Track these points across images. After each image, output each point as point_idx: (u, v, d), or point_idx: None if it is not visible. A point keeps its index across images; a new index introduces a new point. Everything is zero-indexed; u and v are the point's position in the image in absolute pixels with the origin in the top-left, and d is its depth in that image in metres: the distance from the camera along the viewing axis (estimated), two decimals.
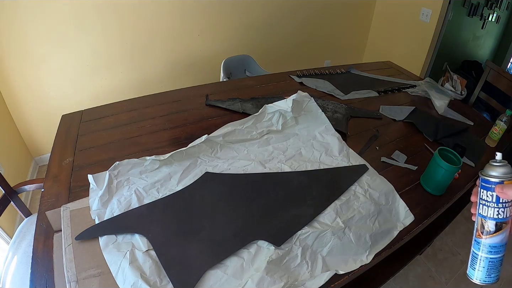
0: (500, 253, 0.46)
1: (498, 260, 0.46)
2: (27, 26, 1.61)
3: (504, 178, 0.43)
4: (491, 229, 0.45)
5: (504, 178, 0.43)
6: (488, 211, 0.45)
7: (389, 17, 2.76)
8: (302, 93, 1.04)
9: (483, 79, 1.52)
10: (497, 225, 0.45)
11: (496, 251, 0.46)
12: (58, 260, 0.61)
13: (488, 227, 0.45)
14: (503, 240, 0.45)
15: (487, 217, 0.45)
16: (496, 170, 0.44)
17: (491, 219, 0.45)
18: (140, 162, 0.82)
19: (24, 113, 1.85)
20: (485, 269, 0.46)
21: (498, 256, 0.46)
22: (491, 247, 0.46)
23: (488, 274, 0.46)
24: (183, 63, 2.18)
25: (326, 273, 0.60)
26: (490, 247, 0.46)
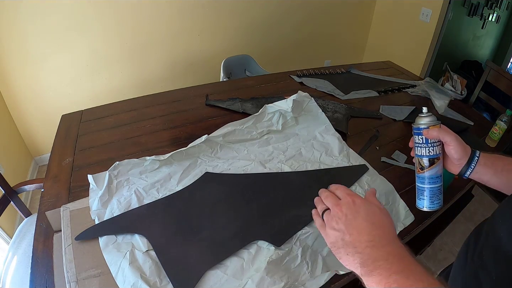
0: (438, 183, 0.57)
1: (437, 189, 0.57)
2: (27, 26, 1.61)
3: (429, 124, 0.56)
4: (426, 164, 0.57)
5: (429, 124, 0.56)
6: (421, 151, 0.57)
7: (389, 17, 2.76)
8: (302, 93, 1.04)
9: (483, 79, 1.52)
10: (430, 160, 0.57)
11: (433, 182, 0.57)
12: (58, 260, 0.60)
13: (424, 163, 0.57)
14: (437, 172, 0.57)
15: (422, 155, 0.57)
16: (423, 119, 0.57)
17: (425, 157, 0.57)
18: (140, 162, 0.82)
19: (24, 113, 1.86)
20: (428, 197, 0.58)
21: (436, 186, 0.57)
22: (429, 179, 0.57)
23: (431, 201, 0.58)
24: (183, 63, 2.19)
25: (326, 273, 0.60)
26: (428, 178, 0.57)
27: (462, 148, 0.54)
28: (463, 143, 0.55)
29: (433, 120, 0.56)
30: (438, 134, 0.54)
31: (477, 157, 0.54)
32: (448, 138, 0.54)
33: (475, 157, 0.54)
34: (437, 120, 0.57)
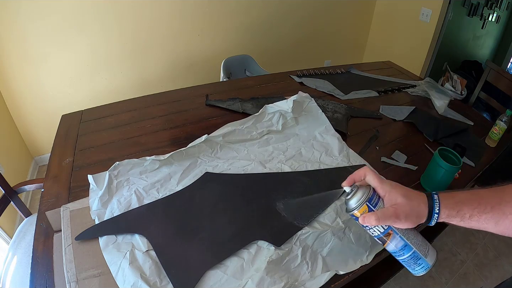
0: (404, 255, 0.52)
1: (410, 259, 0.52)
2: (27, 26, 1.61)
3: (356, 207, 0.51)
4: (381, 243, 0.53)
5: (356, 208, 0.51)
6: (369, 232, 0.53)
7: (389, 17, 2.76)
8: (302, 94, 1.04)
9: (483, 79, 1.52)
10: (381, 239, 0.52)
11: (399, 255, 0.52)
12: (58, 260, 0.60)
13: (378, 242, 0.53)
14: (396, 246, 0.51)
15: (372, 236, 0.53)
16: (350, 203, 0.52)
17: (375, 237, 0.53)
18: (140, 162, 0.82)
19: (24, 113, 1.85)
20: (407, 266, 0.53)
21: (404, 258, 0.52)
22: (393, 253, 0.53)
23: (412, 268, 0.53)
24: (183, 63, 2.18)
25: (326, 273, 0.60)
26: (393, 253, 0.53)
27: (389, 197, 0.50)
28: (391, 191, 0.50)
29: (358, 200, 0.50)
30: (372, 220, 0.48)
31: (437, 203, 0.48)
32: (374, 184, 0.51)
33: (434, 203, 0.48)
34: (362, 191, 0.50)
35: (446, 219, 0.48)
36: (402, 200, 0.49)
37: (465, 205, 0.47)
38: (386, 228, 0.50)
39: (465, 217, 0.47)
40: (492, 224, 0.45)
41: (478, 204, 0.46)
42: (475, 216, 0.46)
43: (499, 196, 0.46)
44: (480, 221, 0.46)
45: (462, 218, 0.47)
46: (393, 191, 0.50)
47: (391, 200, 0.49)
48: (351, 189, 0.52)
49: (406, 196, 0.49)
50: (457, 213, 0.47)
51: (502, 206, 0.45)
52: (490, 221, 0.45)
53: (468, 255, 1.57)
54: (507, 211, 0.44)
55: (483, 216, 0.45)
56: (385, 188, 0.50)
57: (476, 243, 1.64)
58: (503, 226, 0.45)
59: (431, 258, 0.52)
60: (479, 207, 0.46)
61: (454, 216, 0.47)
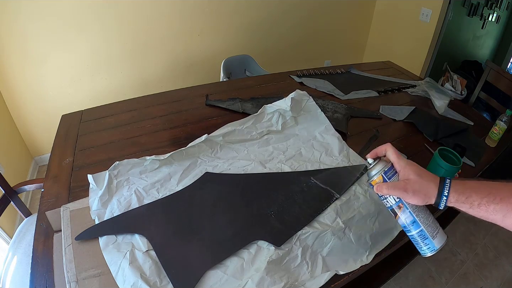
0: (412, 231, 0.54)
1: (417, 237, 0.54)
2: (27, 26, 1.61)
3: (371, 178, 0.56)
4: (393, 215, 0.56)
5: (371, 179, 0.56)
6: (384, 202, 0.56)
7: (389, 17, 2.76)
8: (300, 92, 1.04)
9: (483, 79, 1.52)
10: (393, 211, 0.55)
11: (407, 230, 0.55)
12: (58, 260, 0.60)
13: (391, 214, 0.56)
14: (406, 221, 0.54)
15: (386, 207, 0.56)
16: (368, 174, 0.57)
17: (388, 208, 0.56)
18: (140, 162, 0.82)
19: (24, 113, 1.85)
20: (415, 244, 0.55)
21: (412, 234, 0.54)
22: (403, 227, 0.56)
23: (419, 247, 0.55)
24: (183, 63, 2.18)
25: (326, 273, 0.60)
26: (403, 227, 0.56)
27: (403, 167, 0.53)
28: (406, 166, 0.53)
29: (376, 171, 0.55)
30: (383, 189, 0.53)
31: (447, 186, 0.49)
32: (391, 157, 0.55)
33: (445, 186, 0.49)
34: (381, 164, 0.55)
35: (455, 204, 0.49)
36: (414, 177, 0.51)
37: (475, 193, 0.47)
38: (397, 201, 0.54)
39: (473, 204, 0.47)
40: (500, 216, 0.45)
41: (488, 193, 0.46)
42: (483, 205, 0.46)
43: (510, 189, 0.46)
44: (488, 211, 0.46)
45: (471, 205, 0.47)
46: (407, 167, 0.53)
47: (405, 175, 0.53)
48: (374, 161, 0.57)
49: (418, 174, 0.52)
50: (466, 199, 0.48)
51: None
52: (498, 213, 0.45)
53: (468, 255, 1.57)
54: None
55: (491, 206, 0.45)
56: (401, 164, 0.54)
57: (476, 243, 1.64)
58: (510, 220, 0.45)
59: (439, 241, 0.53)
60: (489, 197, 0.46)
61: (463, 202, 0.48)
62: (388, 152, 0.56)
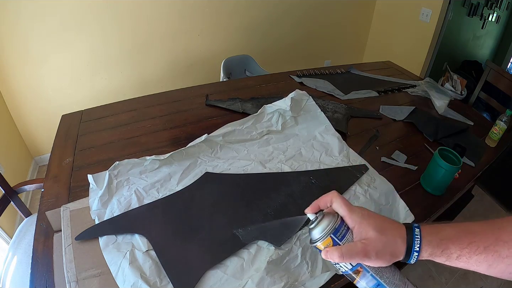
0: None
1: None
2: (27, 26, 1.61)
3: (317, 241, 0.43)
4: (351, 279, 0.45)
5: (317, 242, 0.43)
6: (336, 267, 0.45)
7: (389, 17, 2.76)
8: (300, 92, 1.04)
9: (483, 79, 1.52)
10: (349, 276, 0.45)
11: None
12: (58, 260, 0.61)
13: (348, 278, 0.45)
14: (367, 285, 0.44)
15: (340, 271, 0.45)
16: (312, 234, 0.44)
17: (342, 273, 0.45)
18: (140, 162, 0.82)
19: (24, 113, 1.85)
20: None
21: None
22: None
23: None
24: (183, 63, 2.18)
25: (326, 273, 0.60)
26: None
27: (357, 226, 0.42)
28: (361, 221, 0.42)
29: (321, 232, 0.43)
30: (335, 257, 0.41)
31: (418, 240, 0.41)
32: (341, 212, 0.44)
33: (415, 240, 0.41)
34: (328, 220, 0.43)
35: (429, 258, 0.41)
36: (374, 234, 0.41)
37: (452, 243, 0.40)
38: (354, 265, 0.43)
39: (451, 257, 0.40)
40: (485, 266, 0.39)
41: (469, 243, 0.39)
42: (463, 256, 0.39)
43: (495, 234, 0.39)
44: (470, 262, 0.39)
45: (448, 258, 0.40)
46: (364, 222, 0.42)
47: (361, 233, 0.42)
48: (316, 217, 0.45)
49: (379, 230, 0.41)
50: (441, 253, 0.40)
51: (498, 247, 0.38)
52: (482, 264, 0.39)
53: None
54: (504, 253, 0.37)
55: (473, 258, 0.39)
56: (354, 219, 0.43)
57: None
58: (497, 269, 0.38)
59: None
60: (470, 247, 0.39)
61: (438, 256, 0.41)
62: (335, 203, 0.45)
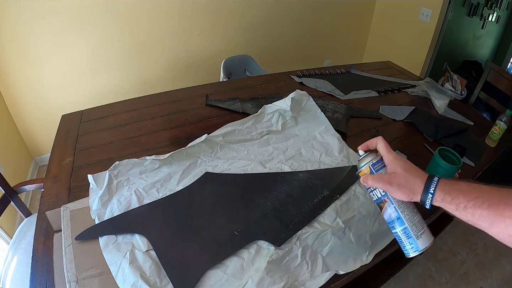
0: (396, 228, 0.54)
1: (401, 234, 0.53)
2: (27, 26, 1.61)
3: (360, 169, 0.56)
4: (379, 208, 0.56)
5: (359, 170, 0.56)
6: (370, 195, 0.57)
7: (389, 17, 2.76)
8: (300, 92, 1.04)
9: (483, 79, 1.52)
10: (378, 205, 0.55)
11: (392, 226, 0.55)
12: (58, 260, 0.60)
13: (377, 208, 0.56)
14: (390, 216, 0.54)
15: (372, 200, 0.57)
16: (358, 165, 0.57)
17: (374, 202, 0.56)
18: (140, 162, 0.82)
19: (24, 113, 1.85)
20: (399, 242, 0.55)
21: (396, 231, 0.54)
22: (388, 223, 0.55)
23: (403, 246, 0.55)
24: (183, 63, 2.18)
25: (326, 273, 0.60)
26: (387, 222, 0.55)
27: (391, 161, 0.52)
28: (394, 159, 0.52)
29: (364, 163, 0.55)
30: (368, 180, 0.53)
31: (434, 184, 0.48)
32: (381, 150, 0.54)
33: (431, 183, 0.48)
34: (371, 156, 0.55)
35: (441, 204, 0.47)
36: (400, 171, 0.51)
37: (462, 194, 0.45)
38: (383, 194, 0.54)
39: (459, 206, 0.45)
40: (487, 223, 0.43)
41: (476, 197, 0.44)
42: (469, 208, 0.44)
43: (501, 196, 0.43)
44: (474, 215, 0.44)
45: (457, 207, 0.45)
46: (395, 161, 0.52)
47: (392, 169, 0.52)
48: (364, 153, 0.57)
49: (405, 169, 0.51)
50: (452, 200, 0.46)
51: (501, 208, 0.42)
52: (485, 220, 0.43)
53: (468, 255, 1.57)
54: (506, 213, 0.41)
55: (478, 212, 0.43)
56: (389, 158, 0.53)
57: (476, 243, 1.64)
58: (497, 228, 0.42)
59: (423, 242, 0.53)
60: (476, 200, 0.44)
61: (448, 202, 0.46)
62: (378, 145, 0.56)
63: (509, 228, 0.41)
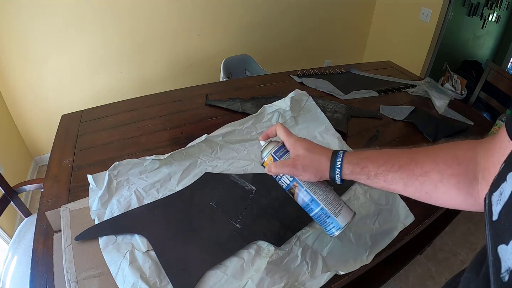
0: (313, 210, 0.54)
1: (320, 215, 0.54)
2: (27, 26, 1.61)
3: (263, 159, 0.56)
4: (291, 195, 0.56)
5: (262, 160, 0.56)
6: (280, 184, 0.57)
7: (389, 17, 2.77)
8: (300, 91, 1.04)
9: (483, 79, 1.52)
10: (290, 192, 0.55)
11: (308, 210, 0.55)
12: (58, 260, 0.60)
13: (290, 195, 0.56)
14: (304, 200, 0.54)
15: (284, 189, 0.57)
16: (261, 156, 0.56)
17: (285, 190, 0.56)
18: (140, 162, 0.81)
19: (24, 113, 1.86)
20: (321, 225, 0.56)
21: (314, 213, 0.54)
22: (304, 207, 0.55)
23: (324, 227, 0.56)
24: (182, 63, 2.18)
25: (326, 273, 0.60)
26: (303, 207, 0.55)
27: (292, 144, 0.51)
28: (295, 142, 0.52)
29: (266, 152, 0.55)
30: (271, 168, 0.52)
31: (340, 158, 0.47)
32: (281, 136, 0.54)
33: (337, 158, 0.47)
34: (272, 144, 0.55)
35: (352, 176, 0.46)
36: (303, 152, 0.50)
37: (370, 162, 0.44)
38: (291, 180, 0.53)
39: (370, 175, 0.44)
40: (401, 185, 0.42)
41: (385, 161, 0.43)
42: (381, 174, 0.43)
43: (410, 156, 0.43)
44: (387, 180, 0.43)
45: (368, 176, 0.44)
46: (297, 143, 0.51)
47: (294, 152, 0.51)
48: (265, 143, 0.57)
49: (308, 149, 0.50)
50: (361, 170, 0.45)
51: (412, 166, 0.41)
52: (399, 182, 0.42)
53: (468, 255, 1.57)
54: (417, 171, 0.41)
55: (389, 175, 0.42)
56: (291, 142, 0.52)
57: (476, 243, 1.64)
58: (413, 188, 0.42)
59: (343, 219, 0.53)
60: (386, 165, 0.43)
61: (358, 173, 0.45)
62: (278, 131, 0.55)
63: (424, 185, 0.41)
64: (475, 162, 0.38)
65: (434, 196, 0.41)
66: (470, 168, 0.38)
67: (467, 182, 0.38)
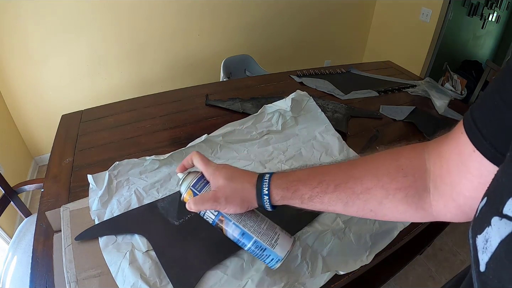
0: (246, 244, 0.48)
1: (255, 249, 0.48)
2: (27, 26, 1.61)
3: (183, 195, 0.50)
4: (220, 231, 0.50)
5: (182, 198, 0.50)
6: (206, 219, 0.50)
7: (389, 17, 2.77)
8: (301, 92, 1.04)
9: (483, 79, 1.52)
10: (217, 227, 0.50)
11: (242, 244, 0.49)
12: (58, 261, 0.60)
13: (218, 231, 0.50)
14: (234, 234, 0.48)
15: (211, 224, 0.50)
16: (180, 191, 0.50)
17: (213, 225, 0.50)
18: (140, 162, 0.82)
19: (24, 113, 1.86)
20: (259, 258, 0.51)
21: (249, 247, 0.49)
22: (237, 242, 0.50)
23: (264, 261, 0.51)
24: (182, 63, 2.19)
25: (326, 273, 0.60)
26: (236, 242, 0.50)
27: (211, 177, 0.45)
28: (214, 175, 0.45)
29: (184, 186, 0.48)
30: (191, 205, 0.45)
31: (266, 183, 0.41)
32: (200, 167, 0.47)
33: (263, 184, 0.42)
34: (190, 177, 0.48)
35: (284, 202, 0.42)
36: (223, 182, 0.44)
37: (302, 184, 0.40)
38: (216, 214, 0.47)
39: (304, 198, 0.40)
40: (341, 206, 0.38)
41: (319, 182, 0.38)
42: (315, 197, 0.39)
43: (346, 172, 0.38)
44: (324, 202, 0.38)
45: (302, 200, 0.40)
46: (216, 173, 0.45)
47: (215, 183, 0.45)
48: (183, 175, 0.50)
49: (228, 178, 0.44)
50: (293, 194, 0.40)
51: (350, 184, 0.37)
52: (337, 203, 0.38)
53: (468, 255, 1.57)
54: (357, 189, 0.36)
55: (326, 197, 0.38)
56: (209, 171, 0.47)
57: None
58: (354, 207, 0.37)
59: (282, 248, 0.47)
60: (320, 186, 0.38)
61: (290, 198, 0.41)
62: (194, 161, 0.49)
63: (368, 203, 0.36)
64: (423, 171, 0.34)
65: (379, 213, 0.37)
66: (418, 179, 0.34)
67: (416, 195, 0.34)
